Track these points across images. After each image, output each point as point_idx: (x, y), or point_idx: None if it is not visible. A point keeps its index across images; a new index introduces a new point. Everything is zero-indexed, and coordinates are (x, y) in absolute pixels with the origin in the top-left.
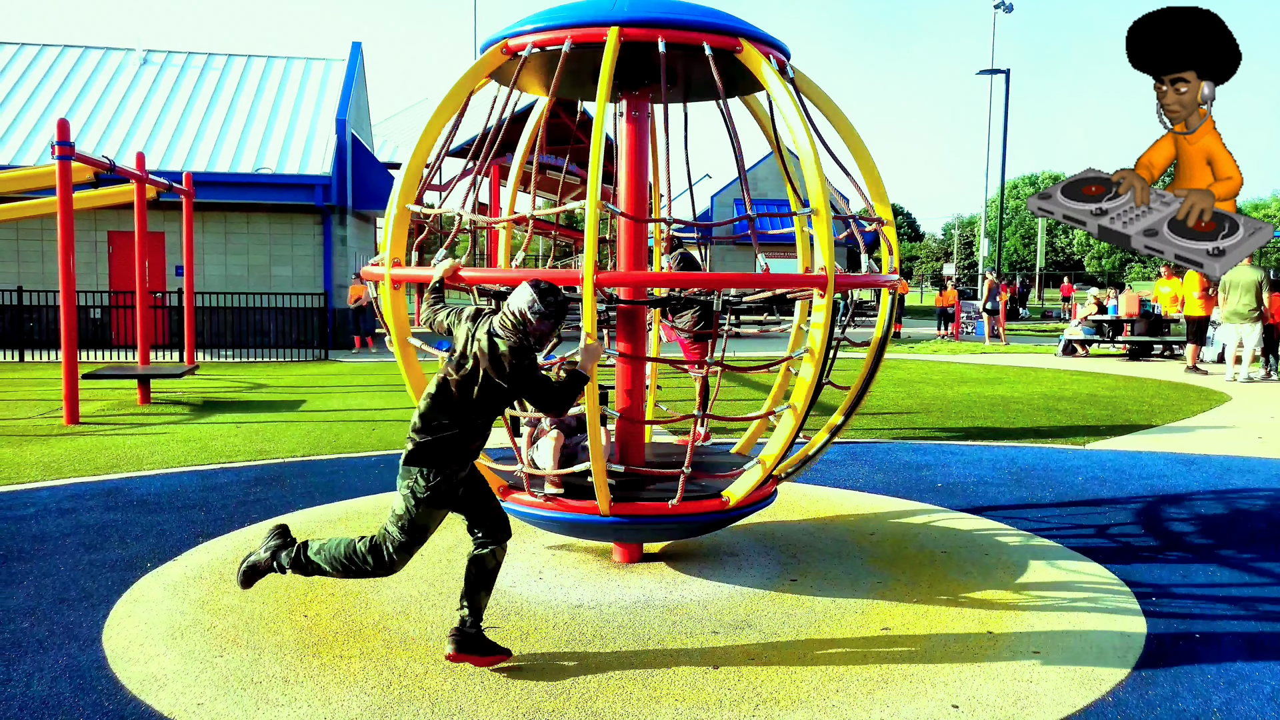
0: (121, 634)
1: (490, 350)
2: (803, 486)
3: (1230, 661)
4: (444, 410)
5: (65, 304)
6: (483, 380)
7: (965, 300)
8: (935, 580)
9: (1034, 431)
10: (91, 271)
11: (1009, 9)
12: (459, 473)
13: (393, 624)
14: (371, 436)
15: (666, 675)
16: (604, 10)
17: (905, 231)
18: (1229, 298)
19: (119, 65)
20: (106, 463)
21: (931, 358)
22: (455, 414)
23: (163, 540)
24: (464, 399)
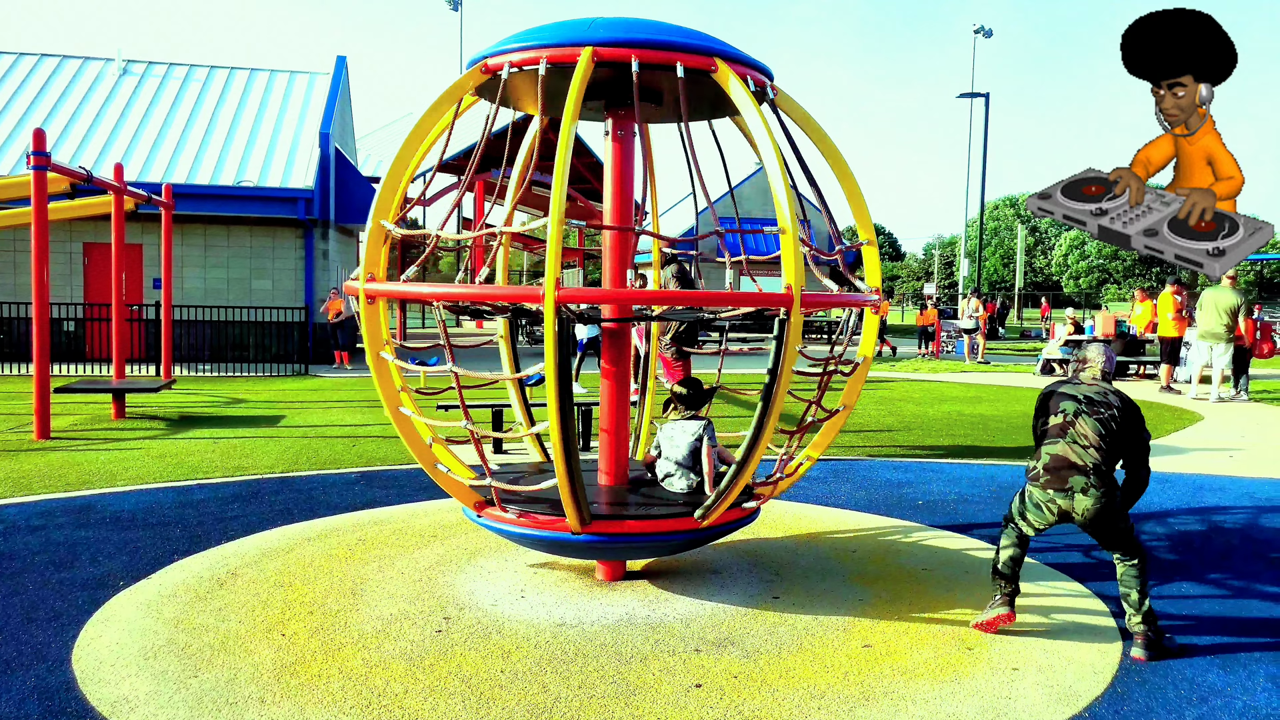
0: (92, 654)
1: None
2: (785, 504)
3: (1203, 677)
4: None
5: (38, 316)
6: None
7: (946, 320)
8: (916, 597)
9: (1014, 450)
10: (66, 284)
11: (988, 34)
12: None
13: (372, 643)
14: (351, 452)
15: (649, 694)
16: (579, 31)
17: (887, 251)
18: (1206, 316)
19: (98, 75)
20: (78, 479)
21: (913, 376)
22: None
23: (136, 558)
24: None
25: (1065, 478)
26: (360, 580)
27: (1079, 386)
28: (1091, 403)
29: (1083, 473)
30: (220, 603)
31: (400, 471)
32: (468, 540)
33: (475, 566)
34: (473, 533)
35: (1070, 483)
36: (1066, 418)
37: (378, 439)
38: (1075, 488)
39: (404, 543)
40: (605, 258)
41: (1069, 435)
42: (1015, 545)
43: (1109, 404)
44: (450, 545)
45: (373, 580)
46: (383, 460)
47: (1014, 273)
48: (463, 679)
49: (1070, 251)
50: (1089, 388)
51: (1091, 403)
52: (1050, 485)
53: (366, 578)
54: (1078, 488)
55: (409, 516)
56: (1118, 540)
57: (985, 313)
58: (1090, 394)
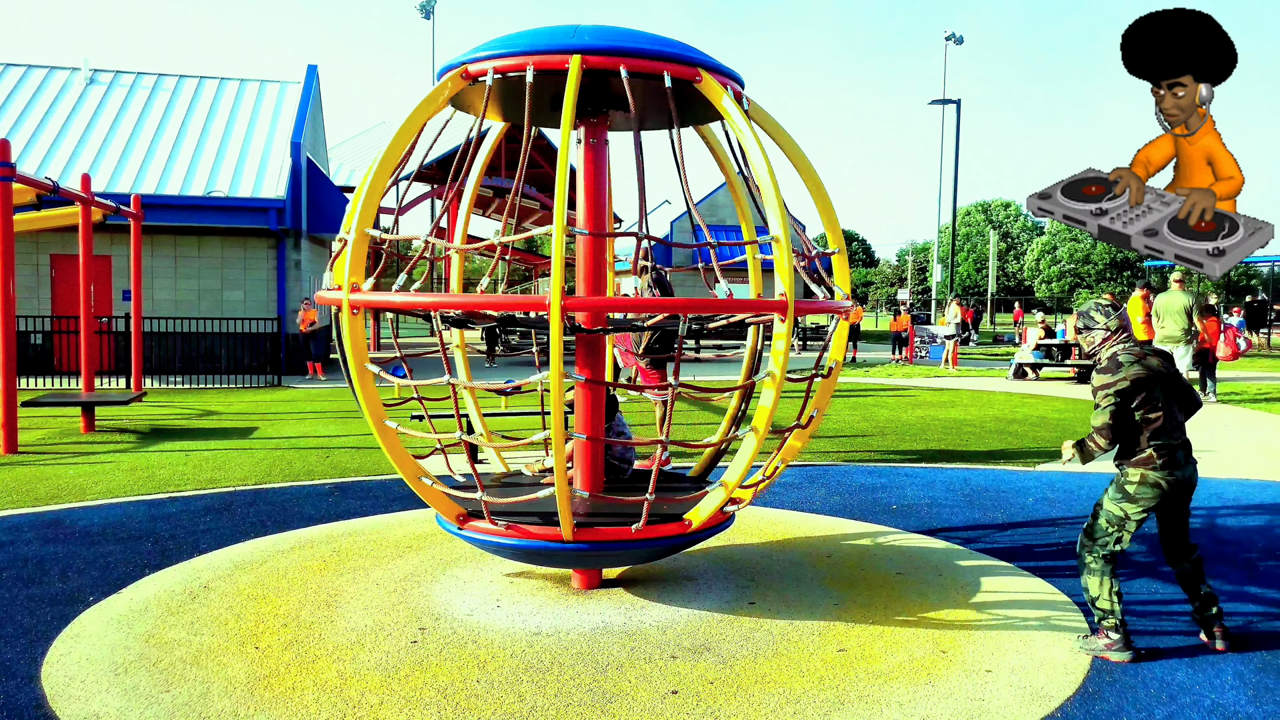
0: (62, 670)
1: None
2: (760, 509)
3: (1172, 676)
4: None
5: (3, 328)
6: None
7: (919, 325)
8: (890, 601)
9: (986, 454)
10: (33, 296)
11: (959, 41)
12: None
13: (347, 655)
14: (325, 463)
15: (626, 701)
16: (566, 38)
17: (860, 257)
18: (1163, 323)
19: (64, 84)
20: (47, 493)
21: (886, 381)
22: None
23: (107, 572)
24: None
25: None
26: (335, 592)
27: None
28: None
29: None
30: (192, 616)
31: (375, 482)
32: (443, 550)
33: (450, 577)
34: (448, 543)
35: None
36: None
37: (351, 450)
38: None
39: (379, 554)
40: (580, 265)
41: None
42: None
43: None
44: (426, 556)
45: (347, 592)
46: (357, 471)
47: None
48: (439, 689)
49: (1042, 257)
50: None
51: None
52: (1178, 464)
53: (341, 589)
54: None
55: (384, 527)
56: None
57: (964, 316)
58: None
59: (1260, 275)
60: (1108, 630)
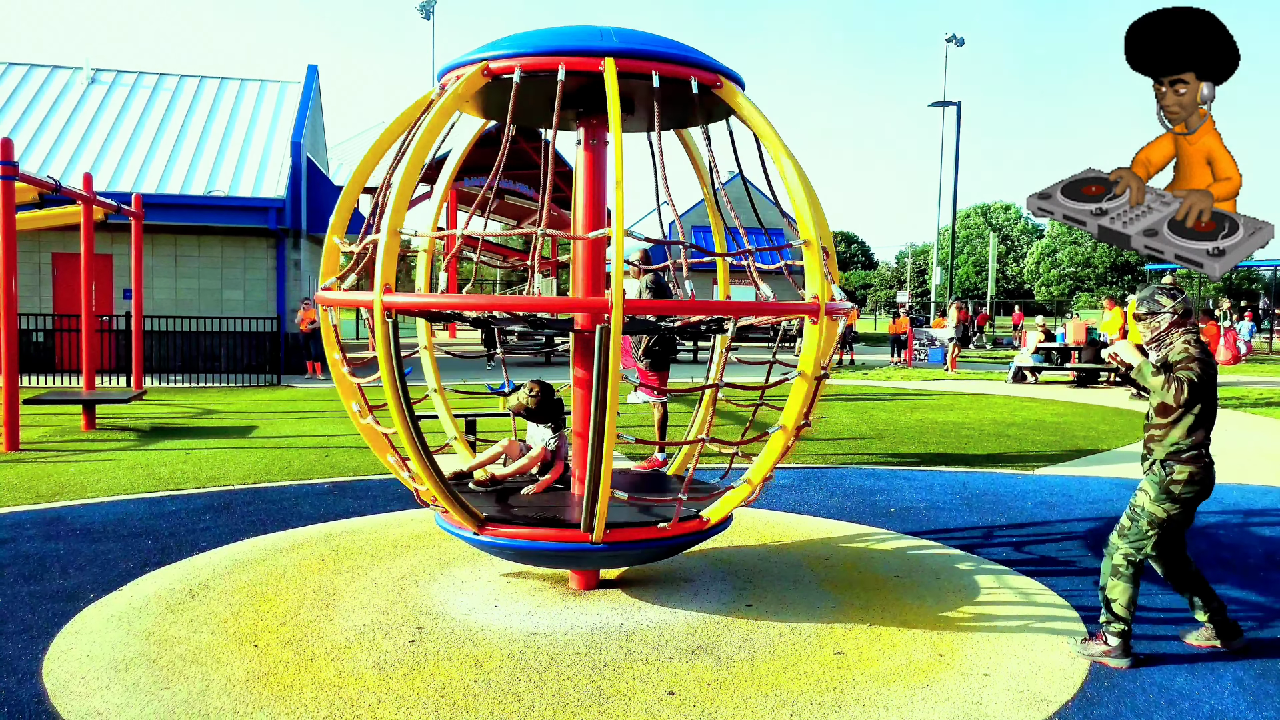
0: (63, 667)
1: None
2: (758, 511)
3: (1171, 681)
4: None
5: (5, 326)
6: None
7: (919, 328)
8: (888, 604)
9: (985, 457)
10: (35, 294)
11: (960, 43)
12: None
13: (345, 654)
14: (324, 463)
15: (623, 703)
16: (597, 39)
17: (859, 260)
18: None
19: (66, 84)
20: (48, 490)
21: (885, 383)
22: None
23: (107, 570)
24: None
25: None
26: (333, 591)
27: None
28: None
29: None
30: (192, 614)
31: (373, 482)
32: (441, 550)
33: (449, 576)
34: (446, 543)
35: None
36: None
37: (350, 449)
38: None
39: (377, 553)
40: (576, 267)
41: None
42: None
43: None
44: (423, 555)
45: (346, 591)
46: (355, 470)
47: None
48: (436, 689)
49: (1042, 260)
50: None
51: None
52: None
53: (339, 588)
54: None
55: (382, 527)
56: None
57: (959, 318)
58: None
59: (1262, 279)
60: (1110, 635)
